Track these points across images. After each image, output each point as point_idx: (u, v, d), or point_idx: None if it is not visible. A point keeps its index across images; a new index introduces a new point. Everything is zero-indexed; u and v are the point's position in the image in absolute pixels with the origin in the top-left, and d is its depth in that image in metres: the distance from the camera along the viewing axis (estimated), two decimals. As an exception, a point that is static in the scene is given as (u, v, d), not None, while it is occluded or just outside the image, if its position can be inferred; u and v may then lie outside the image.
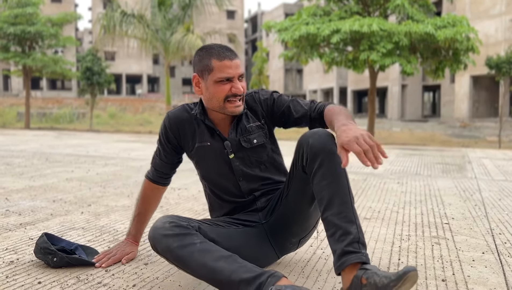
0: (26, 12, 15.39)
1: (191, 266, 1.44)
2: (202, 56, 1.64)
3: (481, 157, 7.05)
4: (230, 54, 1.61)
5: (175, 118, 1.78)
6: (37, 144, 8.21)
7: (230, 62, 1.60)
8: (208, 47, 1.65)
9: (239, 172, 1.73)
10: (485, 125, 23.09)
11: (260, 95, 1.78)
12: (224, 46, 1.63)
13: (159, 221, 1.49)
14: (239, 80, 1.64)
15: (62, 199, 3.30)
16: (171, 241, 1.44)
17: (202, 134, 1.74)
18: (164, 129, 1.81)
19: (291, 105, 1.74)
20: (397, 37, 10.13)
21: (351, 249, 1.35)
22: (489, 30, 24.76)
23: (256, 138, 1.73)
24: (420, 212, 3.02)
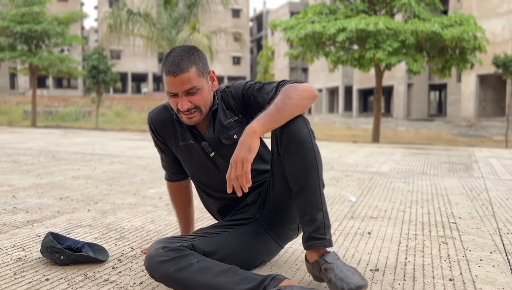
0: (33, 11, 15.46)
1: (192, 287, 1.41)
2: (162, 62, 1.63)
3: (487, 156, 7.01)
4: (175, 69, 1.53)
5: (156, 119, 1.79)
6: (44, 142, 8.25)
7: (173, 79, 1.54)
8: (168, 54, 1.60)
9: (224, 169, 1.70)
10: (492, 124, 22.95)
11: (232, 89, 1.74)
12: (179, 55, 1.56)
13: (151, 249, 1.47)
14: (189, 94, 1.57)
15: (69, 197, 3.31)
16: (167, 266, 1.42)
17: (184, 133, 1.75)
18: (150, 131, 1.84)
19: (257, 94, 1.67)
20: (404, 36, 10.09)
21: (317, 235, 1.51)
22: (496, 28, 24.60)
23: (236, 133, 1.70)
24: (427, 211, 3.01)
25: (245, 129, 1.48)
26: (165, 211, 2.92)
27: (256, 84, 1.70)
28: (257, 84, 1.69)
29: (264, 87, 1.67)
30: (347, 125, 31.42)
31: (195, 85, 1.57)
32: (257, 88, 1.67)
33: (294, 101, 1.50)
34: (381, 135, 13.82)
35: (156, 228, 2.49)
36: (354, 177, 4.49)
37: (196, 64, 1.57)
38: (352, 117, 36.10)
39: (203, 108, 1.63)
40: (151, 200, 3.24)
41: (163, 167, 1.96)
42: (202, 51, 1.66)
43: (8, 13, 16.11)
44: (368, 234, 2.41)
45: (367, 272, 1.83)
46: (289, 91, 1.53)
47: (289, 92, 1.53)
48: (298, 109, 1.51)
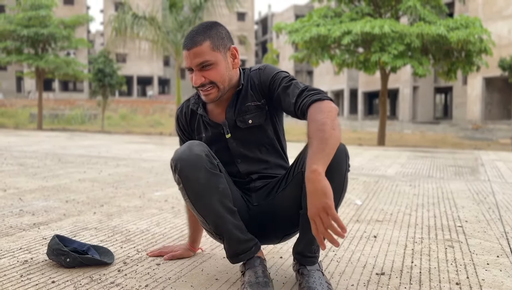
0: (39, 15, 15.59)
1: (202, 206, 1.50)
2: None
3: (494, 159, 6.96)
4: (189, 42, 1.54)
5: (180, 118, 1.82)
6: (50, 145, 8.29)
7: (187, 53, 1.54)
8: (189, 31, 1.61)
9: (236, 153, 1.69)
10: (498, 127, 22.82)
11: (262, 73, 1.67)
12: (196, 30, 1.56)
13: (196, 146, 1.50)
14: (202, 69, 1.55)
15: (75, 200, 3.33)
16: (202, 175, 1.47)
17: (199, 123, 1.76)
18: (177, 127, 1.85)
19: (281, 94, 1.59)
20: (409, 39, 10.07)
21: (308, 253, 1.59)
22: (502, 31, 24.49)
23: (252, 118, 1.65)
24: (433, 215, 2.99)
25: (307, 176, 1.33)
26: (171, 213, 2.92)
27: (285, 79, 1.61)
28: (286, 80, 1.60)
29: (290, 87, 1.58)
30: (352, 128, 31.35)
31: (208, 59, 1.53)
32: (283, 86, 1.59)
33: (329, 125, 1.39)
34: (387, 138, 13.78)
35: (162, 231, 2.49)
36: (359, 180, 4.48)
37: (212, 38, 1.54)
38: (357, 120, 36.01)
39: (220, 84, 1.58)
40: (156, 203, 3.25)
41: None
42: (223, 27, 1.61)
43: (15, 16, 16.26)
44: (374, 238, 2.40)
45: (373, 275, 1.83)
46: (318, 117, 1.42)
47: (318, 118, 1.42)
48: (336, 131, 1.40)
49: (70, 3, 45.61)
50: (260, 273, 1.55)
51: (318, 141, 1.37)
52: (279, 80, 1.61)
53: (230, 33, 1.63)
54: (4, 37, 16.15)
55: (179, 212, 2.97)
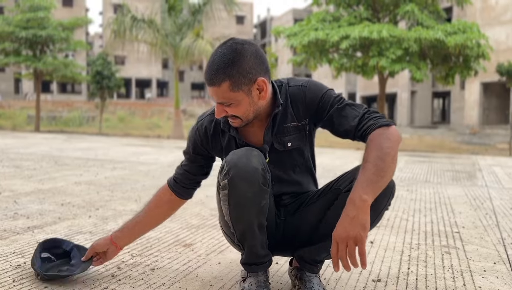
0: (38, 16, 15.57)
1: (238, 216, 1.46)
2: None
3: (491, 164, 6.97)
4: (208, 78, 1.42)
5: (202, 133, 1.64)
6: (47, 147, 8.26)
7: (209, 87, 1.45)
8: (214, 51, 1.45)
9: (272, 176, 1.58)
10: (495, 132, 22.87)
11: (307, 91, 1.53)
12: (217, 63, 1.39)
13: (254, 157, 1.40)
14: (225, 105, 1.45)
15: (70, 203, 3.31)
16: (252, 189, 1.39)
17: (230, 146, 1.59)
18: (192, 140, 1.67)
19: (335, 114, 1.48)
20: (407, 43, 10.09)
21: (311, 262, 1.62)
22: (500, 36, 24.58)
23: (291, 140, 1.56)
24: (430, 220, 2.98)
25: (351, 199, 1.29)
26: (166, 218, 2.90)
27: (336, 99, 1.50)
28: (337, 100, 1.50)
29: (345, 109, 1.47)
30: (350, 132, 31.33)
31: (228, 100, 1.43)
32: (337, 107, 1.48)
33: (391, 156, 1.34)
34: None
35: (157, 235, 2.48)
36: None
37: (232, 77, 1.38)
38: (355, 124, 36.03)
39: (243, 117, 1.48)
40: (152, 207, 3.23)
41: (178, 173, 1.74)
42: (252, 53, 1.41)
43: (13, 18, 16.24)
44: (370, 243, 2.39)
45: (369, 282, 1.81)
46: (383, 145, 1.35)
47: (384, 146, 1.34)
48: (395, 164, 1.35)
49: (69, 5, 45.64)
50: (262, 282, 1.55)
51: (375, 170, 1.31)
52: (330, 100, 1.50)
53: (262, 57, 1.44)
54: (3, 39, 16.12)
55: (175, 217, 2.94)
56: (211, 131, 1.62)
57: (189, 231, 2.60)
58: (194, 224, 2.76)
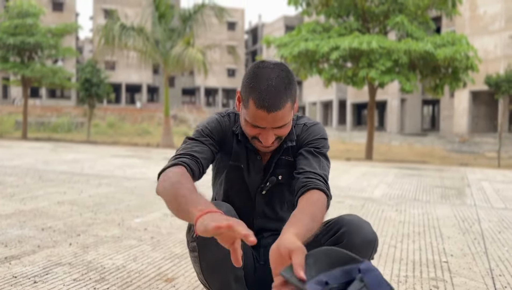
0: (26, 23, 15.41)
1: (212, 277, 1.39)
2: (247, 82, 1.36)
3: (480, 179, 6.98)
4: (271, 105, 1.30)
5: (218, 128, 1.54)
6: (32, 159, 8.13)
7: (267, 114, 1.31)
8: (259, 76, 1.33)
9: (259, 210, 1.57)
10: (484, 141, 23.06)
11: (309, 130, 1.54)
12: (277, 86, 1.31)
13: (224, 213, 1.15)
14: (276, 128, 1.37)
15: (51, 227, 3.21)
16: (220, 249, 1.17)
17: (239, 153, 1.54)
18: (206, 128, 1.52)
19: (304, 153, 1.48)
20: (397, 55, 10.12)
21: None
22: (488, 46, 24.86)
23: (282, 174, 1.53)
24: (418, 247, 2.94)
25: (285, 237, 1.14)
26: (149, 245, 2.83)
27: (319, 147, 1.50)
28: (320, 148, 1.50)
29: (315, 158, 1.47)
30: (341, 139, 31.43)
31: (287, 121, 1.38)
32: (311, 150, 1.49)
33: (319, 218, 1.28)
34: (375, 150, 13.79)
35: (138, 267, 2.40)
36: (346, 204, 4.42)
37: (292, 96, 1.35)
38: (346, 131, 36.17)
39: (284, 137, 1.47)
40: (135, 232, 3.15)
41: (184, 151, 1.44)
42: (293, 73, 1.42)
43: (1, 24, 16.05)
44: (357, 277, 2.33)
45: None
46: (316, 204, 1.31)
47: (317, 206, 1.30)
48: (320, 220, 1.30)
49: (59, 9, 45.35)
50: None
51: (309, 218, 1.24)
52: (315, 143, 1.50)
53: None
54: (-10, 45, 15.94)
55: (158, 244, 2.87)
56: (228, 133, 1.55)
57: (172, 262, 2.52)
58: (178, 254, 2.68)
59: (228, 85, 55.13)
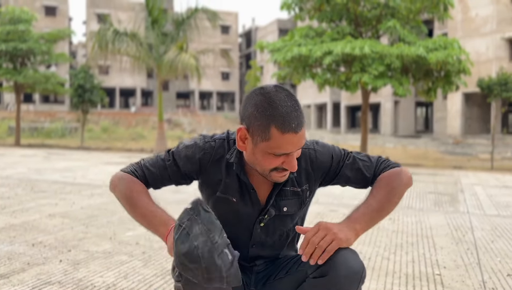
0: (18, 29, 15.33)
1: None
2: (261, 113, 1.25)
3: (473, 183, 7.00)
4: (296, 123, 1.24)
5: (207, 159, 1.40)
6: (24, 168, 8.06)
7: (294, 136, 1.24)
8: (272, 102, 1.25)
9: (256, 239, 1.47)
10: (478, 142, 23.19)
11: (318, 155, 1.45)
12: (293, 105, 1.25)
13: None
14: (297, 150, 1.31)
15: (42, 243, 3.18)
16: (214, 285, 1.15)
17: (231, 184, 1.41)
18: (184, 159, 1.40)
19: (348, 171, 1.45)
20: (389, 59, 10.15)
21: None
22: (480, 48, 25.02)
23: (287, 205, 1.44)
24: (412, 259, 2.93)
25: (346, 223, 1.29)
26: (141, 261, 2.80)
27: (345, 155, 1.46)
28: (345, 155, 1.46)
29: (356, 162, 1.45)
30: (335, 141, 31.50)
31: (304, 142, 1.32)
32: (348, 162, 1.45)
33: (397, 197, 1.37)
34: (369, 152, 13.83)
35: (129, 285, 2.38)
36: (339, 213, 4.41)
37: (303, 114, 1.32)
38: (340, 133, 36.25)
39: None
40: (127, 247, 3.12)
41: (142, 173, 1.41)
42: None
43: (-7, 31, 15.96)
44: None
45: None
46: (394, 184, 1.38)
47: (394, 185, 1.38)
48: (398, 202, 1.39)
49: (52, 14, 45.18)
50: None
51: (378, 208, 1.35)
52: (339, 158, 1.46)
53: None
54: (-18, 51, 15.84)
55: (150, 259, 2.85)
56: (216, 157, 1.41)
57: (163, 279, 2.50)
58: (169, 270, 2.66)
59: (223, 89, 55.10)
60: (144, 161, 1.44)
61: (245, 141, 1.32)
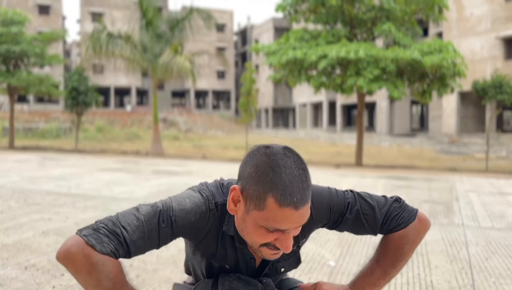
0: (11, 32, 15.21)
1: None
2: (260, 176, 1.07)
3: (468, 190, 7.02)
4: (299, 197, 1.06)
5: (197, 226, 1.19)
6: (18, 177, 8.00)
7: (294, 213, 1.06)
8: (276, 166, 1.07)
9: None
10: (473, 141, 23.27)
11: (314, 209, 1.24)
12: (300, 176, 1.07)
13: None
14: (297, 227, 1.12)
15: (35, 265, 3.15)
16: None
17: (226, 255, 1.26)
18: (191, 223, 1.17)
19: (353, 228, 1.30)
20: (384, 63, 10.15)
21: None
22: (475, 47, 25.08)
23: (285, 266, 1.33)
24: (406, 281, 2.93)
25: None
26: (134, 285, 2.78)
27: (347, 208, 1.27)
28: (348, 207, 1.27)
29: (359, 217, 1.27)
30: (331, 140, 31.52)
31: (307, 218, 1.12)
32: (352, 217, 1.28)
33: (406, 260, 1.30)
34: (365, 152, 13.82)
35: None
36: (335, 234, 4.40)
37: (311, 184, 1.12)
38: (336, 132, 36.31)
39: None
40: (121, 270, 3.10)
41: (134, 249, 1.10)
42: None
43: (-15, 33, 15.83)
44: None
45: None
46: (405, 249, 1.28)
47: (405, 251, 1.28)
48: (407, 261, 1.32)
49: (46, 13, 44.89)
50: None
51: (382, 275, 1.30)
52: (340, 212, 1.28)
53: None
54: (-26, 54, 15.71)
55: (144, 284, 2.83)
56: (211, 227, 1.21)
57: (157, 308, 2.48)
58: (163, 296, 2.64)
59: (218, 87, 55.01)
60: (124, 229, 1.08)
61: (236, 203, 1.15)
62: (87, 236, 1.04)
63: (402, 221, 1.27)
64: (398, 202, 1.31)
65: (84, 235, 1.04)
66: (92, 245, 1.02)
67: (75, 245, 1.03)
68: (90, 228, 1.06)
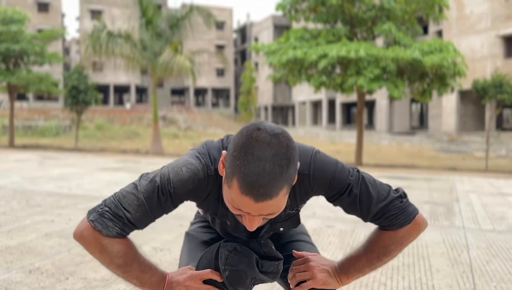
0: (11, 30, 15.19)
1: None
2: (235, 156, 1.06)
3: (468, 191, 7.04)
4: (261, 192, 1.04)
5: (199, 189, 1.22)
6: (18, 177, 8.02)
7: (253, 203, 1.06)
8: (249, 154, 1.04)
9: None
10: (473, 140, 23.31)
11: (313, 180, 1.23)
12: (270, 171, 1.04)
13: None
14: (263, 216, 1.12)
15: (39, 269, 3.17)
16: None
17: (224, 213, 1.29)
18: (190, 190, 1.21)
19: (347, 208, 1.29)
20: (384, 62, 10.17)
21: None
22: (475, 45, 25.10)
23: (283, 226, 1.36)
24: (408, 285, 2.95)
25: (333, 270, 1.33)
26: None
27: (345, 188, 1.24)
28: (348, 188, 1.24)
29: (355, 202, 1.26)
30: (330, 138, 31.55)
31: (280, 208, 1.11)
32: (349, 199, 1.27)
33: (391, 258, 1.34)
34: (364, 150, 13.85)
35: (128, 321, 2.38)
36: (336, 229, 4.43)
37: (290, 178, 1.09)
38: (335, 130, 36.33)
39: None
40: (125, 274, 3.11)
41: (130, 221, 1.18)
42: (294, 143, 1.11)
43: (-15, 32, 15.80)
44: (347, 328, 2.34)
45: None
46: (391, 248, 1.30)
47: (391, 251, 1.31)
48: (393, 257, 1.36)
49: (45, 10, 44.79)
50: None
51: (367, 265, 1.33)
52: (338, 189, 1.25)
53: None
54: (-26, 52, 15.69)
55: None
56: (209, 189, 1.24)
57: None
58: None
59: (218, 85, 54.99)
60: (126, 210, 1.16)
61: (222, 169, 1.15)
62: (93, 221, 1.17)
63: (396, 223, 1.26)
64: (400, 199, 1.27)
65: (91, 221, 1.17)
66: (99, 230, 1.16)
67: (86, 229, 1.18)
68: (96, 212, 1.18)
